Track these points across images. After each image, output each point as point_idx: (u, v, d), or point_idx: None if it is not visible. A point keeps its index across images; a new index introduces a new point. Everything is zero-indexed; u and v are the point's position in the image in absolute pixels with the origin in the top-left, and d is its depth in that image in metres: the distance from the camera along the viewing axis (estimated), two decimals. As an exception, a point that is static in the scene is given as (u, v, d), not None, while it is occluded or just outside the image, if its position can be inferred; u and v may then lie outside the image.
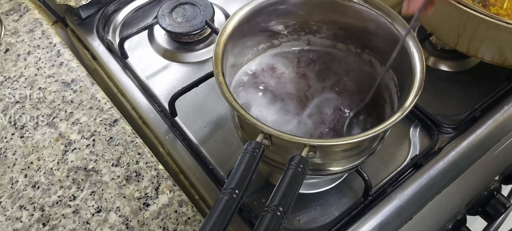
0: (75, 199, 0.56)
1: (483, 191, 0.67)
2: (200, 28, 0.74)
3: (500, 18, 0.57)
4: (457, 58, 0.72)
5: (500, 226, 0.77)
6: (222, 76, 0.47)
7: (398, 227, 0.57)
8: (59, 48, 0.73)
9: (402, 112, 0.44)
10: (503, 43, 0.60)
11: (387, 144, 0.61)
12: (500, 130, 0.64)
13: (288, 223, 0.56)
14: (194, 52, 0.75)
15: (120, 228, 0.54)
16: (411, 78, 0.47)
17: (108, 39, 0.76)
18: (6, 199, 0.57)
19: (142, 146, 0.61)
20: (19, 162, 0.60)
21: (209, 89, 0.68)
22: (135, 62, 0.74)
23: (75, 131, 0.63)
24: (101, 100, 0.66)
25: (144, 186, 0.57)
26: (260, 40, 0.58)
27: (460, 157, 0.61)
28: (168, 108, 0.65)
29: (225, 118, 0.65)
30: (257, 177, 0.60)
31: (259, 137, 0.43)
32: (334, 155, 0.48)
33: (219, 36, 0.50)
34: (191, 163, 0.61)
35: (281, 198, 0.39)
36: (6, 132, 0.63)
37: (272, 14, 0.56)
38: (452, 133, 0.63)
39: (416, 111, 0.64)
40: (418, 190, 0.58)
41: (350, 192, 0.58)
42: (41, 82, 0.68)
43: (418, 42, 0.49)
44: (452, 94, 0.69)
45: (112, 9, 0.81)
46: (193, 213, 0.55)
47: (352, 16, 0.55)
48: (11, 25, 0.76)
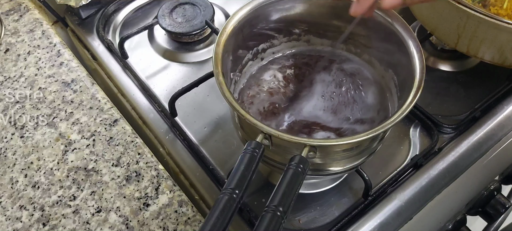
0: (75, 199, 0.56)
1: (483, 191, 0.67)
2: (200, 28, 0.74)
3: (500, 18, 0.57)
4: (457, 58, 0.72)
5: (500, 226, 0.77)
6: (222, 76, 0.47)
7: (398, 227, 0.57)
8: (59, 48, 0.73)
9: (402, 113, 0.44)
10: (503, 43, 0.60)
11: (387, 144, 0.61)
12: (500, 130, 0.64)
13: (288, 223, 0.56)
14: (194, 52, 0.75)
15: (120, 228, 0.54)
16: (411, 78, 0.47)
17: (108, 39, 0.76)
18: (6, 199, 0.57)
19: (142, 146, 0.61)
20: (19, 162, 0.60)
21: (209, 89, 0.68)
22: (135, 62, 0.74)
23: (75, 131, 0.63)
24: (101, 100, 0.66)
25: (144, 186, 0.57)
26: (260, 40, 0.58)
27: (460, 157, 0.61)
28: (168, 108, 0.65)
29: (225, 118, 0.65)
30: (257, 177, 0.60)
31: (259, 137, 0.43)
32: (334, 155, 0.48)
33: (219, 36, 0.50)
34: (191, 163, 0.61)
35: (281, 198, 0.39)
36: (6, 132, 0.63)
37: (272, 14, 0.56)
38: (452, 133, 0.63)
39: (416, 111, 0.64)
40: (418, 190, 0.58)
41: (350, 192, 0.58)
42: (41, 82, 0.68)
43: (418, 42, 0.49)
44: (452, 94, 0.69)
45: (112, 9, 0.81)
46: (193, 213, 0.55)
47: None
48: (11, 25, 0.76)
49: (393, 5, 0.49)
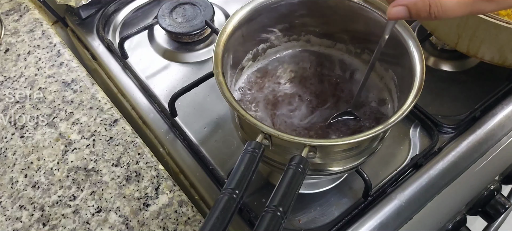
0: (75, 199, 0.56)
1: (483, 191, 0.67)
2: (200, 28, 0.74)
3: (500, 18, 0.57)
4: (457, 58, 0.72)
5: (500, 226, 0.77)
6: (222, 76, 0.47)
7: (398, 227, 0.57)
8: (59, 48, 0.73)
9: (402, 113, 0.44)
10: (503, 43, 0.60)
11: (387, 144, 0.61)
12: (500, 130, 0.64)
13: (288, 223, 0.56)
14: (194, 52, 0.75)
15: (120, 228, 0.54)
16: (411, 78, 0.47)
17: (108, 39, 0.76)
18: (6, 199, 0.57)
19: (142, 146, 0.61)
20: (19, 162, 0.60)
21: (209, 89, 0.68)
22: (135, 62, 0.74)
23: (75, 131, 0.63)
24: (101, 100, 0.66)
25: (144, 186, 0.57)
26: (260, 40, 0.58)
27: (460, 157, 0.61)
28: (168, 108, 0.65)
29: (225, 118, 0.65)
30: (257, 177, 0.60)
31: (259, 137, 0.43)
32: (334, 155, 0.48)
33: (219, 36, 0.50)
34: (191, 163, 0.61)
35: (281, 198, 0.39)
36: (6, 132, 0.63)
37: (272, 14, 0.56)
38: (452, 133, 0.63)
39: (416, 111, 0.64)
40: (418, 190, 0.58)
41: (350, 192, 0.59)
42: (41, 82, 0.68)
43: (418, 42, 0.49)
44: (452, 94, 0.69)
45: (112, 9, 0.81)
46: (193, 213, 0.55)
47: (352, 16, 0.55)
48: (11, 25, 0.76)
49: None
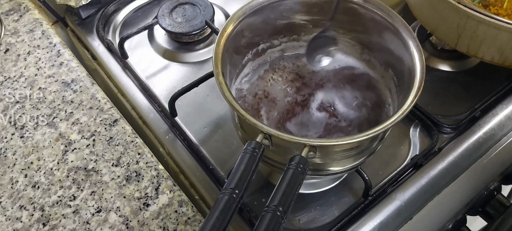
0: (75, 199, 0.56)
1: (483, 191, 0.67)
2: (200, 28, 0.74)
3: (500, 18, 0.57)
4: (457, 58, 0.72)
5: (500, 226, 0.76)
6: (222, 76, 0.47)
7: (398, 227, 0.57)
8: (59, 48, 0.73)
9: (402, 113, 0.44)
10: (503, 43, 0.60)
11: (387, 144, 0.61)
12: (500, 130, 0.64)
13: (288, 223, 0.56)
14: (194, 52, 0.75)
15: (120, 228, 0.54)
16: (411, 78, 0.47)
17: (108, 39, 0.76)
18: (6, 199, 0.57)
19: (142, 146, 0.61)
20: (19, 162, 0.60)
21: (209, 89, 0.68)
22: (135, 62, 0.74)
23: (75, 131, 0.63)
24: (101, 100, 0.66)
25: (144, 186, 0.57)
26: (260, 40, 0.58)
27: (460, 157, 0.61)
28: (168, 108, 0.65)
29: (225, 118, 0.65)
30: (257, 177, 0.60)
31: (259, 137, 0.43)
32: (334, 155, 0.48)
33: (219, 36, 0.50)
34: (191, 163, 0.61)
35: (281, 198, 0.39)
36: (6, 132, 0.63)
37: (272, 14, 0.56)
38: (452, 133, 0.63)
39: (416, 111, 0.64)
40: (418, 190, 0.58)
41: (350, 192, 0.58)
42: (41, 82, 0.68)
43: (418, 42, 0.49)
44: (452, 94, 0.69)
45: (112, 9, 0.81)
46: (193, 213, 0.55)
47: (352, 16, 0.55)
48: (11, 25, 0.76)
49: None
